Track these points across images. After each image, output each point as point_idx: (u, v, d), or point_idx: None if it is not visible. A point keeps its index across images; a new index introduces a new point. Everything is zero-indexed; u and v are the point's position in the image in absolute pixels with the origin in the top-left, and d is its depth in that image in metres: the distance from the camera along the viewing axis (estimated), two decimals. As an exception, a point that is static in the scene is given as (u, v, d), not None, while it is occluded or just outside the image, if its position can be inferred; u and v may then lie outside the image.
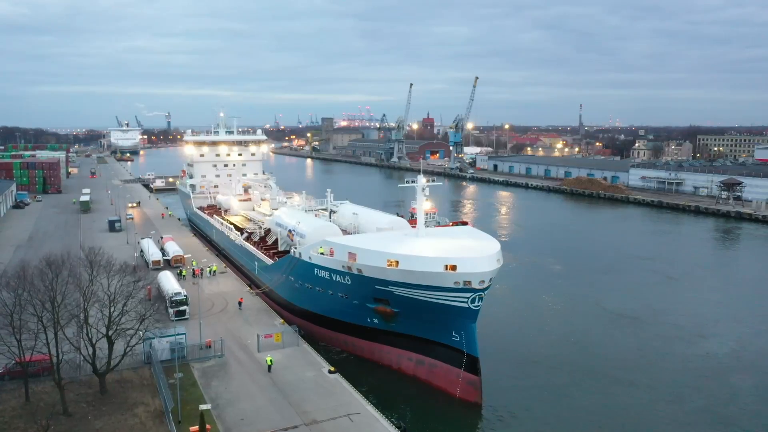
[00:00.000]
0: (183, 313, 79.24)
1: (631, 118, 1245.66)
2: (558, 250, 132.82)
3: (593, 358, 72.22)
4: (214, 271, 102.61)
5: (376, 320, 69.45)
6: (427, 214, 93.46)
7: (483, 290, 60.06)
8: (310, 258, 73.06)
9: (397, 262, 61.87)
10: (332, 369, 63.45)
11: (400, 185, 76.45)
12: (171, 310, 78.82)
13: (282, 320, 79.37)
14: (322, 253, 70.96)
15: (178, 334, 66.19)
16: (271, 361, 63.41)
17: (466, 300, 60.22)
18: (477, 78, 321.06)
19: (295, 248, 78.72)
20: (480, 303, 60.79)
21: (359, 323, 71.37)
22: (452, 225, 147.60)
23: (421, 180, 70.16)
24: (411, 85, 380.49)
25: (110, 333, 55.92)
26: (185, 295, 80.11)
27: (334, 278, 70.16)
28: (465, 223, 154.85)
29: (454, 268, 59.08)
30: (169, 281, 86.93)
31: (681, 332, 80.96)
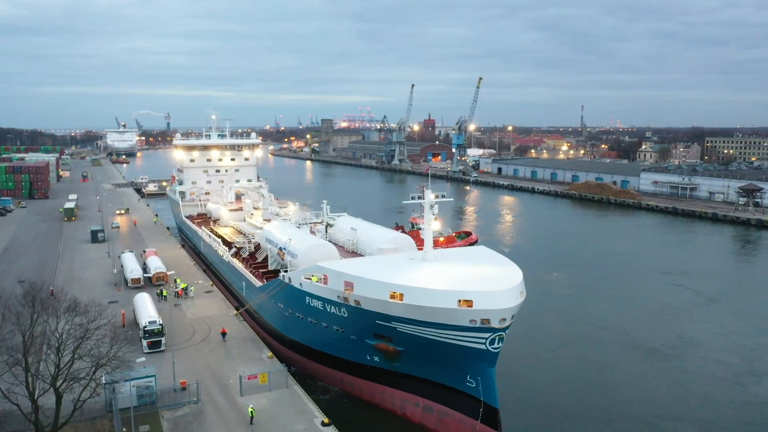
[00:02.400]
0: (158, 344, 69.85)
1: (632, 119, 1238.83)
2: (572, 264, 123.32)
3: (627, 403, 62.38)
4: (185, 288, 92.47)
5: (377, 358, 60.08)
6: None
7: (504, 329, 50.72)
8: (300, 285, 63.72)
9: (402, 295, 52.53)
10: (326, 420, 53.86)
11: (404, 202, 66.86)
12: (144, 342, 69.42)
13: (270, 353, 69.82)
14: (315, 280, 61.67)
15: (147, 377, 56.73)
16: (253, 412, 53.91)
17: (483, 341, 50.89)
18: (481, 78, 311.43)
19: (285, 271, 69.47)
20: (500, 344, 51.45)
21: (357, 361, 62.00)
22: (455, 235, 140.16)
23: (430, 196, 60.73)
24: (413, 85, 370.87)
25: (58, 384, 46.52)
26: (161, 324, 70.60)
27: (328, 309, 60.83)
28: (469, 234, 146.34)
29: (469, 303, 49.74)
30: (145, 306, 77.42)
31: (726, 370, 70.88)
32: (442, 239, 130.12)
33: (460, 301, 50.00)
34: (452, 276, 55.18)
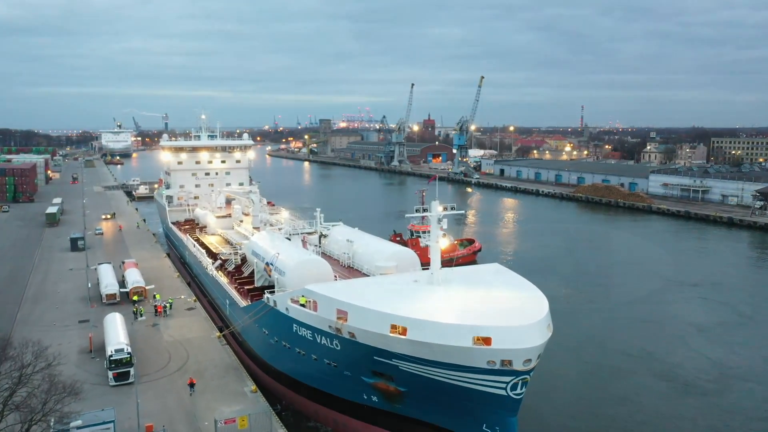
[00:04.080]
0: (126, 375, 61.15)
1: (631, 119, 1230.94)
2: (584, 274, 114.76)
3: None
4: (166, 305, 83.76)
5: (375, 398, 51.47)
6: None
7: (528, 372, 42.13)
8: (287, 310, 55.14)
9: (405, 329, 43.94)
10: (314, 478, 45.36)
11: (408, 215, 58.55)
12: (110, 373, 60.76)
13: (254, 387, 61.06)
14: (302, 305, 53.12)
15: (104, 423, 48.05)
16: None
17: (504, 385, 42.30)
18: (483, 78, 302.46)
19: (271, 292, 60.94)
20: (523, 389, 42.86)
21: (352, 399, 53.40)
22: (457, 243, 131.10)
23: (437, 208, 52.12)
24: (413, 85, 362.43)
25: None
26: (129, 353, 61.87)
27: (318, 340, 52.24)
28: (472, 241, 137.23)
29: (487, 341, 41.18)
30: (115, 329, 68.67)
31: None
32: (443, 247, 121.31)
33: (475, 338, 41.47)
34: (465, 305, 46.59)
